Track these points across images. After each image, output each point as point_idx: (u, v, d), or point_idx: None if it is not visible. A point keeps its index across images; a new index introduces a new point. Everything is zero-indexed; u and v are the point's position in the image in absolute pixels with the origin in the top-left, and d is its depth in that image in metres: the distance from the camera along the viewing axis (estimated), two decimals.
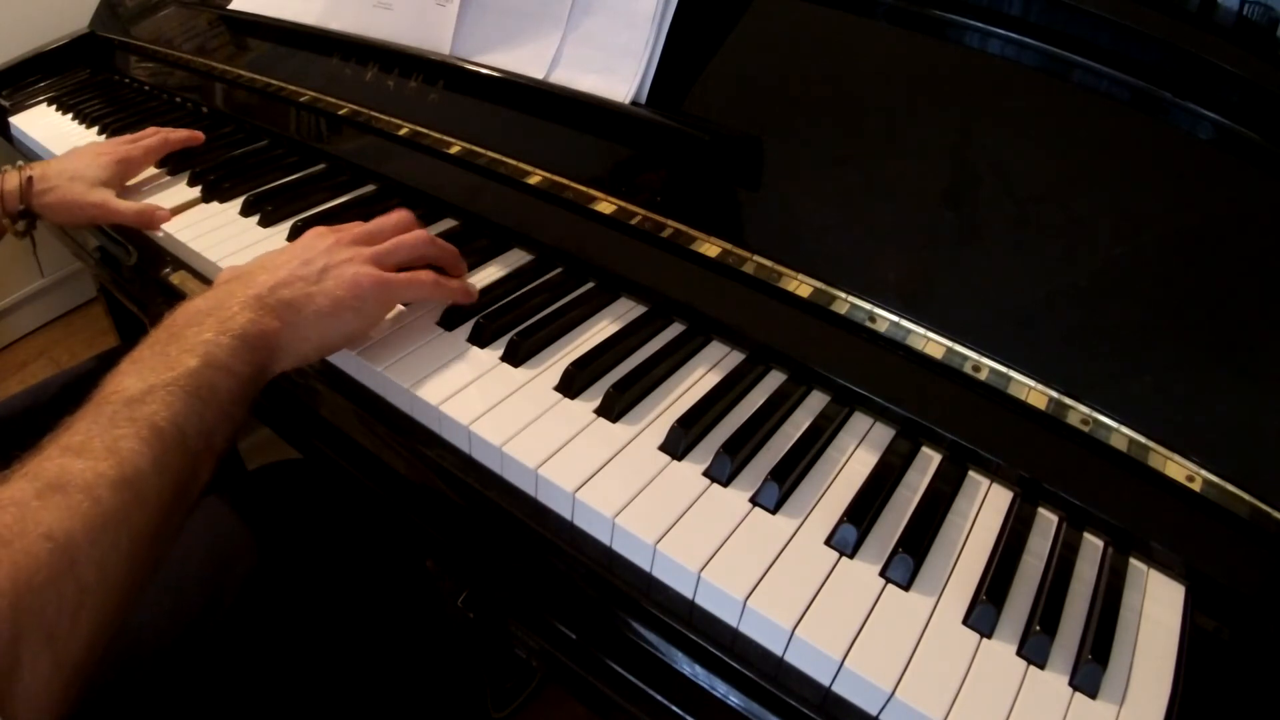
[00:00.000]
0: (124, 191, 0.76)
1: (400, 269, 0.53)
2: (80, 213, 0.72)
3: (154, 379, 0.40)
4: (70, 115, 1.00)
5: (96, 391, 0.40)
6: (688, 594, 0.42)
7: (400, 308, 0.58)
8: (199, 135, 0.83)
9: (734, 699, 0.40)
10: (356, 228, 0.54)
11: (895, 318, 0.51)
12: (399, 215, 0.56)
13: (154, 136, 0.80)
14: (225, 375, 0.42)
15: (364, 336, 0.53)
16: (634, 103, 0.63)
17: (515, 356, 0.53)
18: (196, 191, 0.76)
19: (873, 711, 0.38)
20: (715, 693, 0.41)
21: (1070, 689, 0.38)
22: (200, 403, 0.41)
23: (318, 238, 0.52)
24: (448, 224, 0.70)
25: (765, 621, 0.39)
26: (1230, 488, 0.44)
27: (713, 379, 0.53)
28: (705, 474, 0.46)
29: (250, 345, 0.44)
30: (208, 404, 0.41)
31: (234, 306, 0.45)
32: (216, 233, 0.69)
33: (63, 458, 0.36)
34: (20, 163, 0.74)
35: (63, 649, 0.33)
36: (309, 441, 0.60)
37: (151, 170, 0.81)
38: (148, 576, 0.38)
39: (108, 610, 0.35)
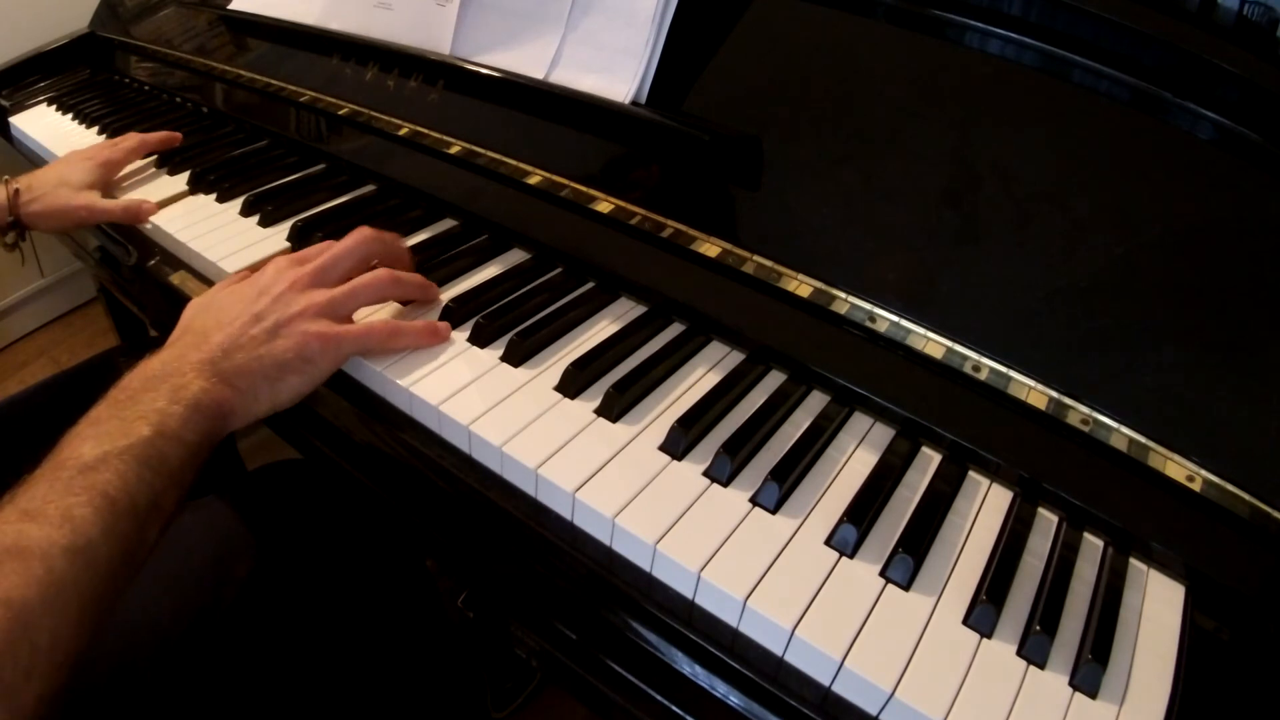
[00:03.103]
0: (110, 191, 0.78)
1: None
2: (68, 216, 0.74)
3: (109, 446, 0.41)
4: (70, 115, 1.00)
5: (55, 452, 0.42)
6: (688, 594, 0.42)
7: (399, 306, 0.58)
8: (176, 136, 0.84)
9: (734, 699, 0.40)
10: (321, 257, 0.54)
11: (895, 318, 0.51)
12: (360, 237, 0.55)
13: (132, 139, 0.82)
14: (176, 445, 0.44)
15: (317, 386, 0.52)
16: (634, 103, 0.63)
17: (515, 356, 0.53)
18: (183, 184, 0.76)
19: (873, 711, 0.38)
20: (715, 693, 0.41)
21: (1070, 689, 0.38)
22: (151, 472, 0.42)
23: (277, 276, 0.52)
24: (448, 224, 0.70)
25: (765, 621, 0.39)
26: (1230, 488, 0.44)
27: (713, 379, 0.53)
28: (705, 474, 0.46)
29: (203, 414, 0.45)
30: (158, 473, 0.42)
31: (188, 373, 0.46)
32: (217, 232, 0.69)
33: (20, 523, 0.38)
34: (5, 177, 0.75)
35: (17, 708, 0.34)
36: (309, 441, 0.60)
37: (152, 170, 0.82)
38: (93, 635, 0.40)
39: (58, 670, 0.36)
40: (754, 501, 0.45)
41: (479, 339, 0.55)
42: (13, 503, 0.39)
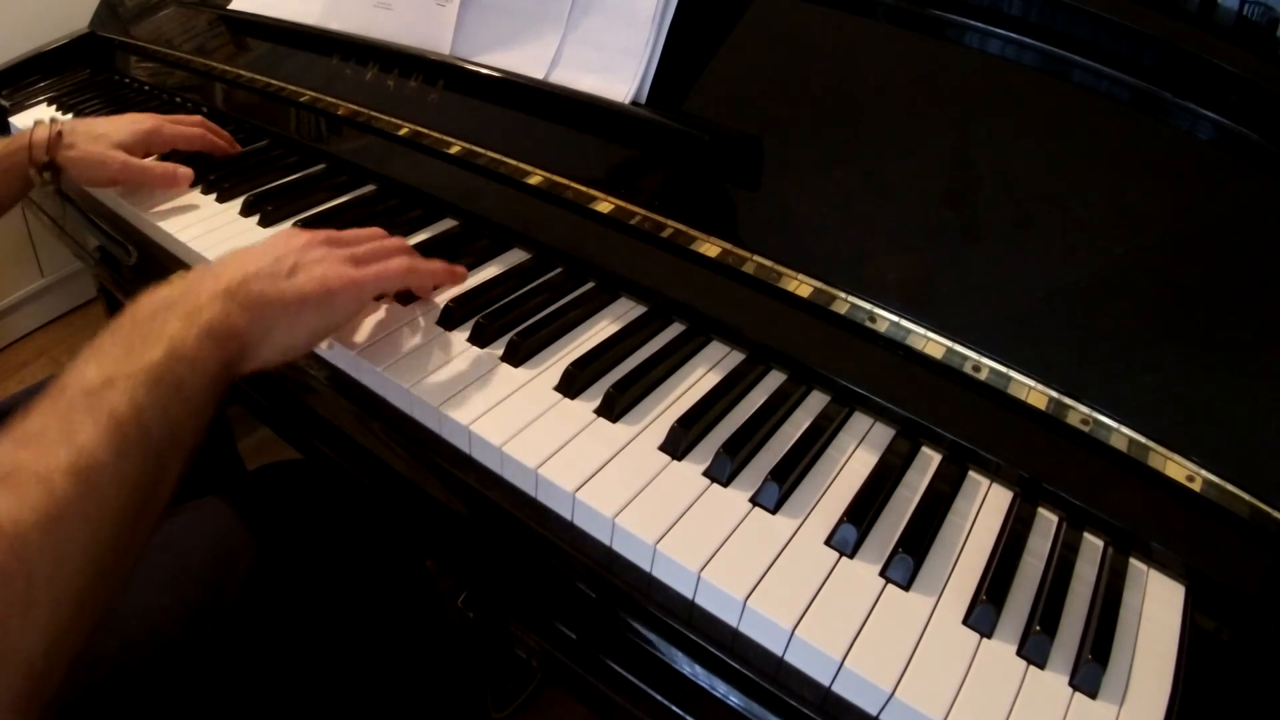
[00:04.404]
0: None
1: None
2: (101, 170, 0.73)
3: (114, 369, 0.38)
4: (70, 115, 1.00)
5: (54, 382, 0.38)
6: (688, 594, 0.42)
7: (397, 306, 0.58)
8: (237, 147, 0.82)
9: (734, 699, 0.40)
10: (330, 232, 0.53)
11: (895, 317, 0.51)
12: (372, 229, 0.55)
13: (197, 126, 0.80)
14: (191, 370, 0.40)
15: (334, 332, 0.52)
16: (634, 103, 0.63)
17: (515, 356, 0.53)
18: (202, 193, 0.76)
19: (873, 711, 0.38)
20: (715, 693, 0.41)
21: (1070, 689, 0.38)
22: (164, 396, 0.38)
23: (291, 236, 0.51)
24: (448, 224, 0.70)
25: (765, 621, 0.39)
26: (1230, 488, 0.44)
27: (713, 379, 0.53)
28: (705, 474, 0.46)
29: (217, 340, 0.42)
30: (172, 398, 0.39)
31: (202, 297, 0.43)
32: (216, 232, 0.69)
33: (15, 449, 0.34)
34: (54, 118, 0.75)
35: (13, 643, 0.31)
36: (309, 441, 0.60)
37: None
38: (113, 586, 0.36)
39: (64, 609, 0.33)
40: (754, 501, 0.45)
41: (479, 339, 0.55)
42: (8, 434, 0.35)
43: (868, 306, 0.52)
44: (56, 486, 0.33)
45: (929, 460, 0.49)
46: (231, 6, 0.95)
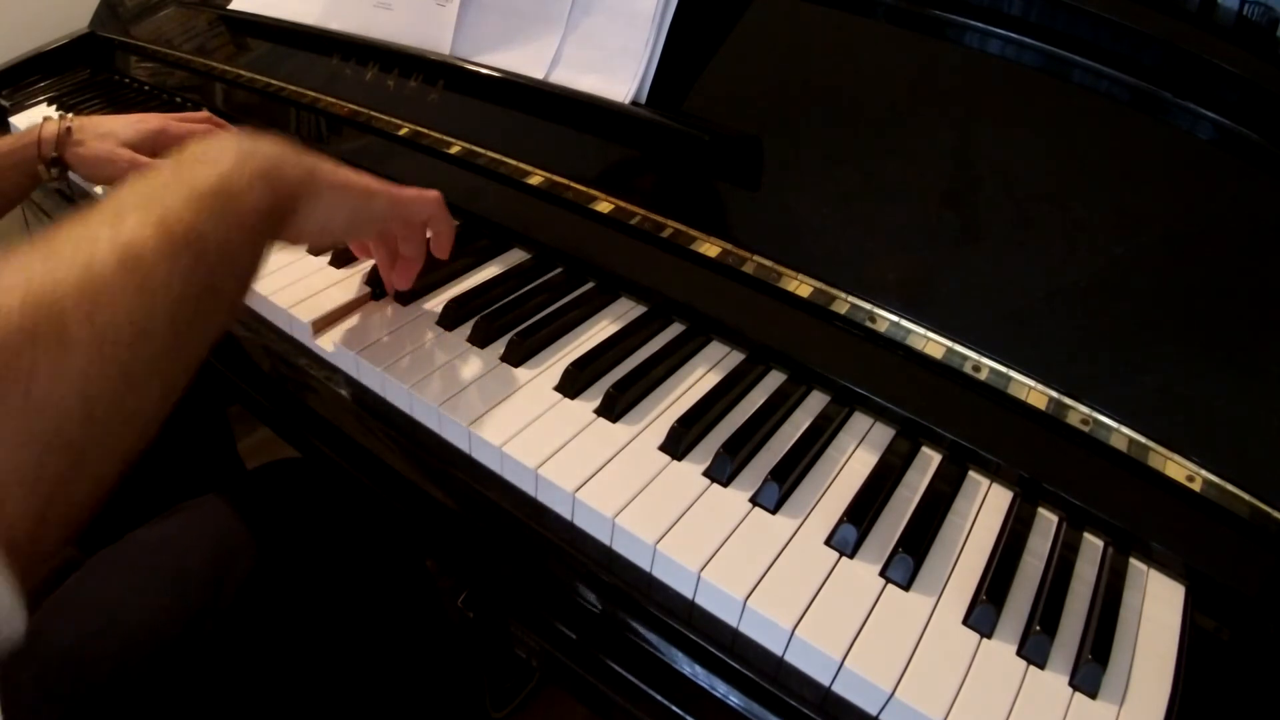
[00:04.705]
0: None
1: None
2: (108, 167, 0.73)
3: (160, 185, 0.36)
4: (70, 116, 1.00)
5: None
6: (688, 594, 0.42)
7: (397, 306, 0.58)
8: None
9: (734, 699, 0.40)
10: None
11: (895, 318, 0.51)
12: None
13: (204, 122, 0.80)
14: (241, 199, 0.39)
15: (363, 232, 0.53)
16: (634, 103, 0.63)
17: (515, 356, 0.53)
18: None
19: (873, 711, 0.38)
20: (715, 693, 0.41)
21: (1070, 689, 0.38)
22: (215, 212, 0.37)
23: None
24: None
25: (765, 621, 0.39)
26: (1230, 488, 0.44)
27: (713, 379, 0.53)
28: (705, 474, 0.46)
29: (270, 185, 0.41)
30: (223, 215, 0.37)
31: (260, 146, 0.42)
32: None
33: (59, 232, 0.33)
34: (64, 114, 0.75)
35: (36, 403, 0.29)
36: (308, 441, 0.60)
37: None
38: (155, 401, 0.34)
39: (100, 389, 0.31)
40: (754, 501, 0.45)
41: (479, 339, 0.55)
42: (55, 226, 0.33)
43: (868, 306, 0.52)
44: (98, 258, 0.32)
45: (929, 460, 0.49)
46: (231, 6, 0.95)
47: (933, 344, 0.50)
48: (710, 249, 0.57)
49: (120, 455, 0.33)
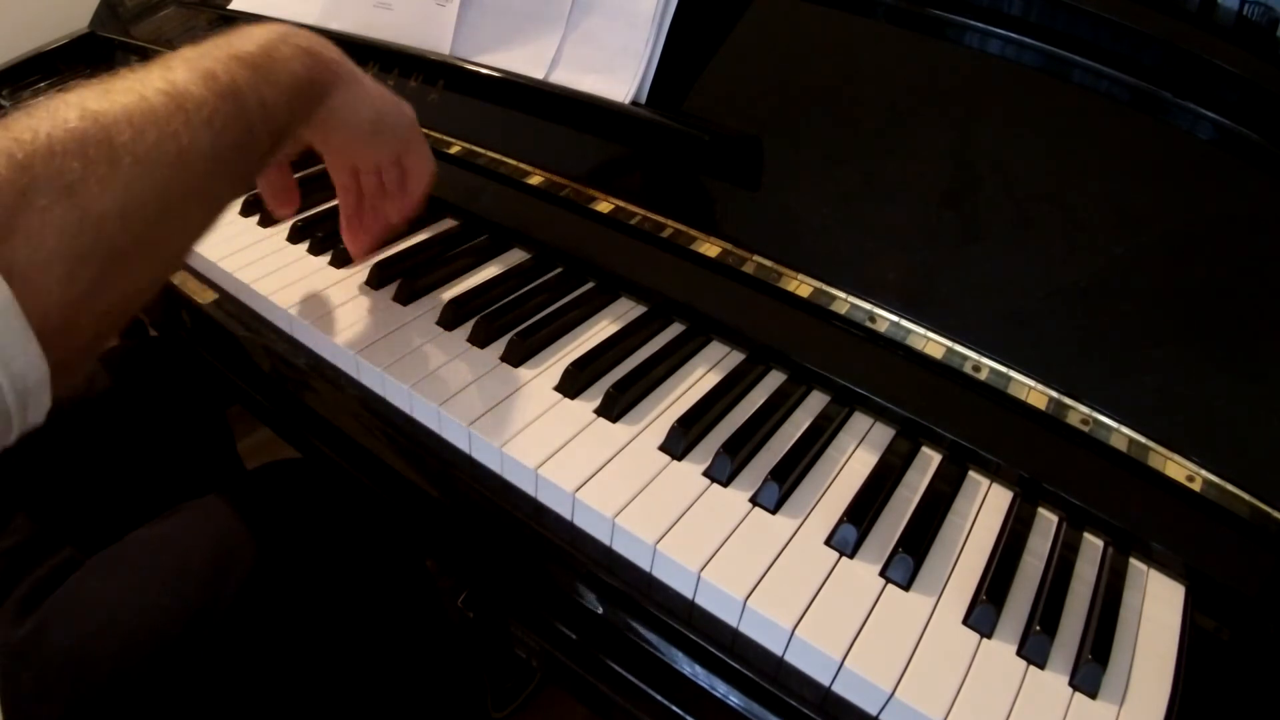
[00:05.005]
0: None
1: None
2: None
3: (208, 47, 0.40)
4: None
5: None
6: (688, 594, 0.42)
7: (397, 305, 0.58)
8: None
9: (734, 699, 0.40)
10: None
11: (895, 318, 0.51)
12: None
13: None
14: (286, 63, 0.42)
15: (375, 141, 0.53)
16: (634, 103, 0.63)
17: (515, 356, 0.53)
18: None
19: (873, 711, 0.38)
20: (715, 693, 0.41)
21: (1070, 689, 0.38)
22: (259, 72, 0.40)
23: None
24: (447, 224, 0.70)
25: (765, 621, 0.39)
26: (1230, 488, 0.44)
27: (713, 379, 0.53)
28: (705, 474, 0.46)
29: (310, 57, 0.44)
30: (266, 75, 0.40)
31: (302, 32, 0.45)
32: (216, 232, 0.69)
33: (111, 78, 0.36)
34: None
35: (86, 204, 0.32)
36: (309, 441, 0.60)
37: None
38: (183, 233, 0.38)
39: (139, 206, 0.34)
40: (754, 501, 0.45)
41: (479, 339, 0.55)
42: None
43: (868, 306, 0.52)
44: (148, 95, 0.35)
45: (929, 460, 0.49)
46: (231, 6, 0.95)
47: (933, 344, 0.50)
48: (710, 249, 0.57)
49: (146, 276, 0.37)
